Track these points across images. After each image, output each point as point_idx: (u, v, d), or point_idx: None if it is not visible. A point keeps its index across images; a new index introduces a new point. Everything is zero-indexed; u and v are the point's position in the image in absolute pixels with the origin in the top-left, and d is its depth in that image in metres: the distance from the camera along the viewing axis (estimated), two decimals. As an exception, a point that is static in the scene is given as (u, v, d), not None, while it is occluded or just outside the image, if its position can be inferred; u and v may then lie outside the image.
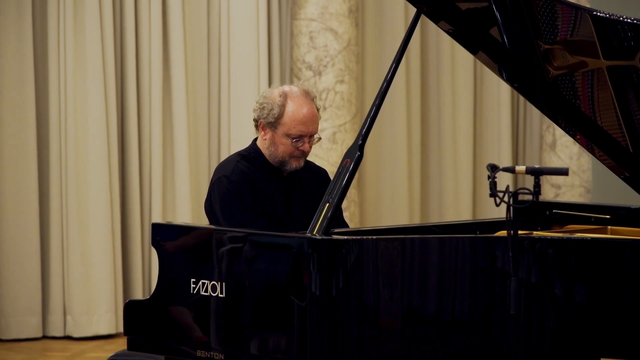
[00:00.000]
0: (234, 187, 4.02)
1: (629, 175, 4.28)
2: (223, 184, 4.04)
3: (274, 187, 4.10)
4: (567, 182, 7.92)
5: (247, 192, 4.02)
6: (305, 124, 4.05)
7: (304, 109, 4.05)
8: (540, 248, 3.62)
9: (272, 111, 4.07)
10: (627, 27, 3.74)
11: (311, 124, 4.05)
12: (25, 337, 7.22)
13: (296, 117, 4.04)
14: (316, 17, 7.36)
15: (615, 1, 7.48)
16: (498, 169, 3.49)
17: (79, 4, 7.20)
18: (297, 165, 4.09)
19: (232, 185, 4.03)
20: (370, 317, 3.50)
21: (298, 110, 4.05)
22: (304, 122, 4.04)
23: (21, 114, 7.15)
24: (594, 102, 4.09)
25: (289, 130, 4.05)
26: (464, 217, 8.21)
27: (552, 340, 3.60)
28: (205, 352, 3.64)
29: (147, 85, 7.41)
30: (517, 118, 8.57)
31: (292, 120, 4.05)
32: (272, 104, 4.07)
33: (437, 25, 4.17)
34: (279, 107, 4.06)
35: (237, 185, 4.03)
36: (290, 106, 4.05)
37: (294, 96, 4.07)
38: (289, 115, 4.05)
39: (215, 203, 4.05)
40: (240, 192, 4.02)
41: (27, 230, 7.19)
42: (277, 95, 4.08)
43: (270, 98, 4.09)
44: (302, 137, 4.06)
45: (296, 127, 4.05)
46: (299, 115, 4.04)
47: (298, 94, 4.08)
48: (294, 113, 4.05)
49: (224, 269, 3.61)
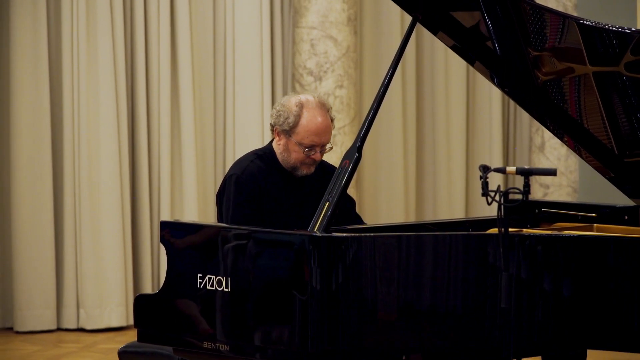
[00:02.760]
0: (239, 188, 4.03)
1: (613, 176, 4.28)
2: (232, 182, 4.05)
3: (286, 188, 4.10)
4: (555, 182, 7.92)
5: (249, 195, 4.02)
6: (318, 135, 4.03)
7: (318, 120, 4.03)
8: (529, 245, 3.62)
9: (287, 120, 4.04)
10: (612, 35, 3.74)
11: (324, 135, 4.03)
12: (41, 329, 7.22)
13: (310, 127, 4.02)
14: (317, 25, 7.36)
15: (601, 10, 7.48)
16: (490, 169, 3.49)
17: (91, 12, 7.19)
18: (307, 172, 4.08)
19: (239, 186, 4.03)
20: (368, 310, 3.50)
21: (312, 121, 4.02)
22: (317, 133, 4.02)
23: (37, 114, 7.16)
24: (581, 106, 4.09)
25: (302, 139, 4.03)
26: (457, 216, 8.20)
27: (540, 332, 3.60)
28: (211, 344, 3.64)
29: (156, 89, 7.41)
30: (508, 121, 8.57)
31: (305, 131, 4.03)
32: (289, 113, 4.04)
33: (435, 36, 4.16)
34: (295, 116, 4.03)
35: (242, 186, 4.03)
36: (305, 117, 4.03)
37: (310, 107, 4.04)
38: (303, 125, 4.03)
39: (223, 197, 4.07)
40: (242, 194, 4.02)
41: (42, 228, 7.18)
42: (293, 105, 4.05)
43: (287, 106, 4.06)
44: (314, 147, 4.04)
45: (309, 137, 4.03)
46: (313, 126, 4.02)
47: (314, 105, 4.05)
48: (308, 124, 4.02)
49: (229, 264, 3.61)
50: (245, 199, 4.02)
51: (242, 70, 7.58)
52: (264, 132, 7.60)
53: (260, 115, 7.60)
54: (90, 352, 6.77)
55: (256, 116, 7.60)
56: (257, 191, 4.04)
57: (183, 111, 7.45)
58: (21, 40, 7.12)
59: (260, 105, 7.61)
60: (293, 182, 4.12)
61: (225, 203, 4.06)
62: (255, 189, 4.04)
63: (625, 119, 3.98)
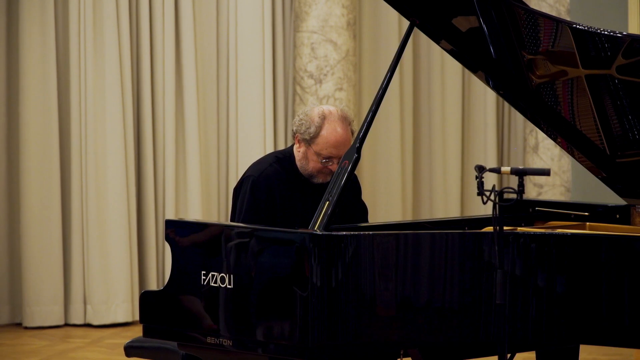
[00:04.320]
0: (254, 191, 4.03)
1: (605, 176, 4.27)
2: (248, 183, 4.06)
3: (302, 192, 4.09)
4: (548, 181, 7.91)
5: (262, 198, 4.02)
6: (337, 147, 4.01)
7: (338, 132, 4.01)
8: (523, 242, 3.62)
9: (309, 129, 4.03)
10: (604, 39, 3.74)
11: (342, 147, 3.99)
12: (49, 325, 7.22)
13: (329, 140, 4.01)
14: (317, 29, 7.36)
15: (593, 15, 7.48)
16: (485, 169, 3.48)
17: (97, 17, 7.20)
18: (323, 180, 4.07)
19: (253, 188, 4.03)
20: (366, 306, 3.50)
21: (332, 134, 4.01)
22: (335, 146, 4.01)
23: (45, 116, 7.17)
24: (574, 108, 4.09)
25: (320, 150, 4.02)
26: (453, 214, 8.20)
27: (534, 327, 3.60)
28: (214, 339, 3.64)
29: (161, 92, 7.42)
30: (502, 122, 8.56)
31: (325, 142, 4.01)
32: (310, 123, 4.03)
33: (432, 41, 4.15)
34: (316, 127, 4.02)
35: (257, 189, 4.03)
36: (326, 129, 4.01)
37: (331, 119, 4.02)
38: (323, 137, 4.01)
39: (239, 194, 4.08)
40: (255, 197, 4.02)
41: (50, 227, 7.19)
42: (316, 115, 4.03)
43: (310, 116, 4.04)
44: (332, 158, 4.03)
45: (327, 149, 4.02)
46: (332, 138, 4.01)
47: (335, 118, 4.03)
48: (328, 136, 4.01)
49: (232, 262, 3.61)
50: (257, 203, 4.02)
51: (245, 72, 7.58)
52: (266, 133, 7.61)
53: (262, 116, 7.61)
54: (97, 347, 6.77)
55: (258, 117, 7.60)
56: (271, 196, 4.04)
57: (187, 113, 7.45)
58: (30, 44, 7.13)
59: (262, 107, 7.62)
60: (309, 187, 4.10)
61: (239, 202, 4.07)
62: (269, 192, 4.04)
63: (616, 120, 3.98)
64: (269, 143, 7.59)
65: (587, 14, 7.51)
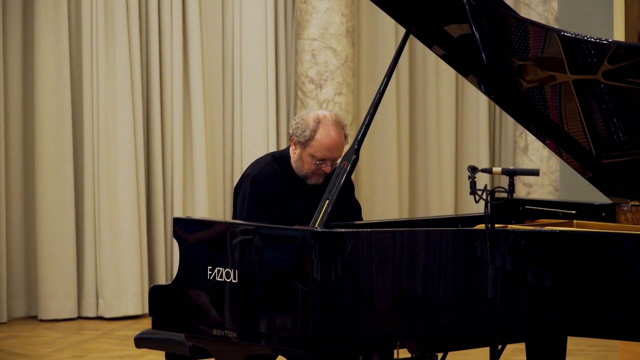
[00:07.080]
0: (254, 187, 4.04)
1: (592, 176, 4.27)
2: (248, 181, 4.06)
3: (298, 191, 4.09)
4: (537, 181, 7.91)
5: (262, 194, 4.02)
6: (330, 150, 4.02)
7: (332, 136, 4.02)
8: (514, 239, 3.62)
9: (304, 132, 4.03)
10: (590, 46, 3.74)
11: (336, 150, 4.02)
12: (63, 318, 7.22)
13: (323, 143, 4.01)
14: (317, 37, 7.36)
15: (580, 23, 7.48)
16: (477, 170, 3.49)
17: (109, 22, 7.20)
18: (316, 181, 4.08)
19: (253, 185, 4.04)
20: (364, 300, 3.49)
21: (326, 137, 4.01)
22: (329, 149, 4.02)
23: (59, 117, 7.18)
24: (562, 111, 4.09)
25: (315, 152, 4.02)
26: (447, 213, 8.20)
27: (524, 320, 3.60)
28: (220, 331, 3.64)
29: (169, 96, 7.43)
30: (494, 125, 8.57)
31: (319, 145, 4.02)
32: (306, 127, 4.03)
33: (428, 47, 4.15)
34: (311, 131, 4.02)
35: (257, 186, 4.04)
36: (320, 132, 4.02)
37: (326, 124, 4.03)
38: (318, 140, 4.02)
39: (239, 192, 4.09)
40: (256, 193, 4.03)
41: (64, 224, 7.19)
42: (311, 119, 4.04)
43: (306, 120, 4.05)
44: (325, 160, 4.03)
45: (321, 152, 4.02)
46: (326, 141, 4.01)
47: (330, 122, 4.04)
48: (322, 139, 4.01)
49: (237, 257, 3.60)
50: (258, 198, 4.02)
51: (249, 78, 7.59)
52: (269, 134, 7.61)
53: (265, 119, 7.61)
54: (108, 339, 6.77)
55: (262, 120, 7.61)
56: (270, 192, 4.04)
57: (194, 116, 7.46)
58: (44, 47, 7.15)
59: (265, 110, 7.62)
60: (304, 187, 4.10)
61: (240, 199, 4.07)
62: (269, 189, 4.04)
63: (602, 123, 3.98)
64: (271, 144, 7.60)
65: (574, 22, 7.51)
